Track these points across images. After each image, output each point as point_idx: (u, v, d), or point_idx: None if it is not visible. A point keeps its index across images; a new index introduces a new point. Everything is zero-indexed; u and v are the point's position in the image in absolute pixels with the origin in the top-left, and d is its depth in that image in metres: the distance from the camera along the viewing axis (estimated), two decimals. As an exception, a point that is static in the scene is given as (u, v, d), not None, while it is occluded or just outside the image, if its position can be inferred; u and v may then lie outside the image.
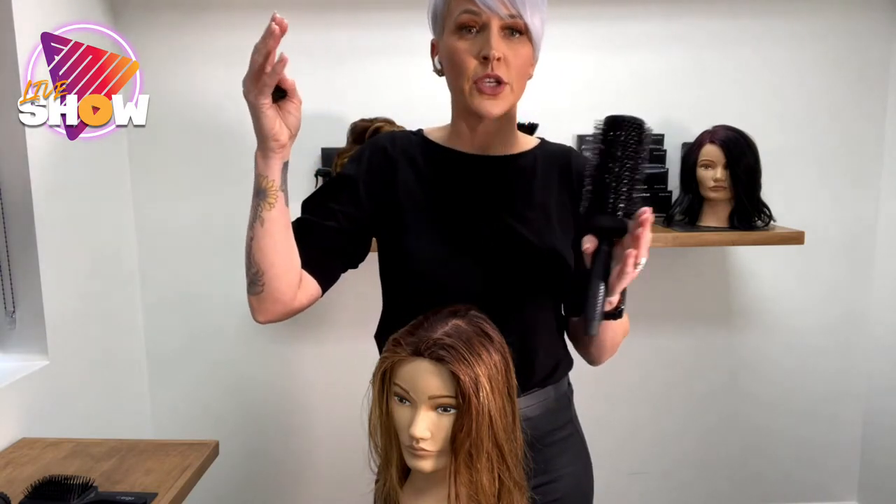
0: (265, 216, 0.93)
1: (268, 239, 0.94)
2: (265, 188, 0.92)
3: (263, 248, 0.94)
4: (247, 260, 0.96)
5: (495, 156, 1.06)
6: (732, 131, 1.83)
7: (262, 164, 0.92)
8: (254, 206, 0.93)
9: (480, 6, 0.93)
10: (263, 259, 0.94)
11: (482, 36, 0.95)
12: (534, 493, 0.98)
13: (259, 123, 0.89)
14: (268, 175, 0.92)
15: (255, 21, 1.94)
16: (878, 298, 2.15)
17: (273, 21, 0.82)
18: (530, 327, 1.05)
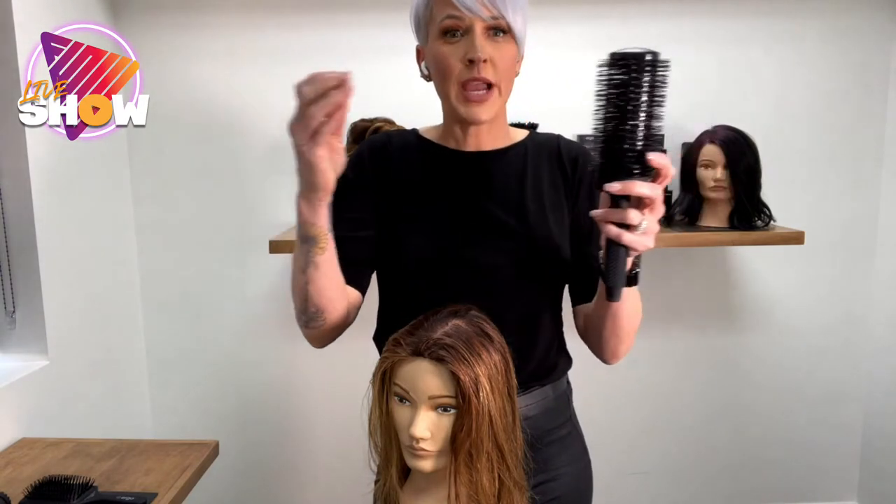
0: (318, 261, 0.91)
1: (324, 280, 0.93)
2: (315, 235, 0.89)
3: (321, 289, 0.93)
4: (301, 303, 0.95)
5: (487, 151, 1.06)
6: (732, 131, 1.83)
7: (308, 213, 0.87)
8: (303, 252, 0.90)
9: (462, 10, 0.93)
10: (321, 298, 0.94)
11: (467, 39, 0.95)
12: (533, 491, 0.98)
13: (312, 175, 0.83)
14: (316, 223, 0.88)
15: (255, 21, 1.96)
16: (878, 298, 2.15)
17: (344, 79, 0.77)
18: (529, 325, 1.05)
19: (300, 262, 0.91)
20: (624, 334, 1.00)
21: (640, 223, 0.80)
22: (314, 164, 0.82)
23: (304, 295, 0.94)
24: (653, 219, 0.82)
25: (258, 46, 1.94)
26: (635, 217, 0.80)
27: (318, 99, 0.78)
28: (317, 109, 0.78)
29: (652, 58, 0.75)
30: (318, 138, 0.80)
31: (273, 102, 1.97)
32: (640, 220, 0.80)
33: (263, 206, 2.01)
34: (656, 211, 0.82)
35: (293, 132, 0.81)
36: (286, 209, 2.01)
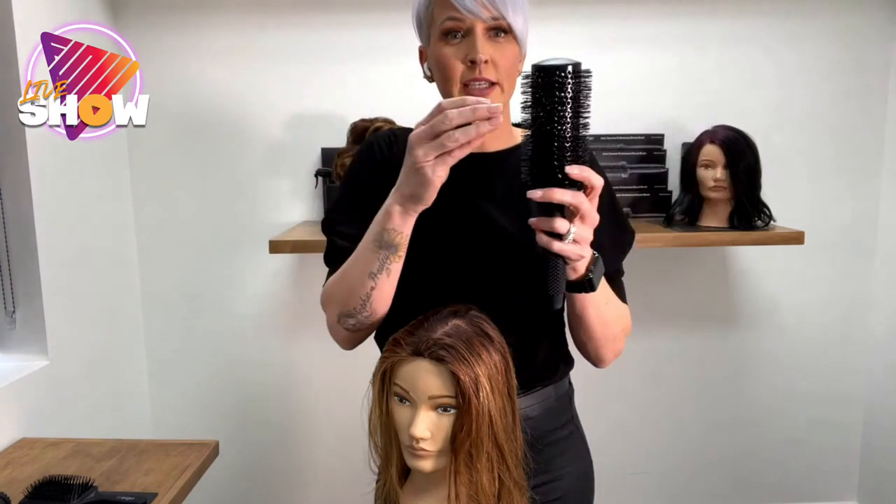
0: (393, 268, 0.91)
1: (389, 288, 0.94)
2: (397, 243, 0.90)
3: (385, 295, 0.94)
4: (357, 306, 0.95)
5: (490, 152, 1.06)
6: (732, 131, 1.83)
7: (399, 222, 0.88)
8: (379, 257, 0.90)
9: (463, 12, 0.93)
10: (380, 304, 0.95)
11: (468, 40, 0.95)
12: (534, 492, 0.98)
13: (424, 191, 0.84)
14: (403, 231, 0.89)
15: (255, 21, 1.96)
16: (878, 298, 2.15)
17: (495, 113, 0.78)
18: (530, 326, 1.05)
19: (371, 266, 0.92)
20: (601, 340, 1.01)
21: (567, 231, 0.81)
22: (431, 182, 0.83)
23: (364, 298, 0.94)
24: (584, 228, 0.83)
25: (258, 46, 1.94)
26: (562, 226, 0.81)
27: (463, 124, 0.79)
28: (461, 135, 0.79)
29: (573, 68, 0.77)
30: (448, 160, 0.82)
31: (273, 102, 1.97)
32: (567, 228, 0.81)
33: (263, 206, 2.01)
34: (588, 220, 0.83)
35: (419, 147, 0.82)
36: (286, 209, 2.01)
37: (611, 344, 1.03)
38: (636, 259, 1.14)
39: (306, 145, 1.98)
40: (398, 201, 0.88)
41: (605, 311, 0.99)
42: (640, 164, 1.99)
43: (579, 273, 0.88)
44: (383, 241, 0.90)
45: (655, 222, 1.95)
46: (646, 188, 1.99)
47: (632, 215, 1.98)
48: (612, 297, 1.01)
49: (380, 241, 0.90)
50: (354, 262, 0.94)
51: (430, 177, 0.83)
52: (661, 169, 2.00)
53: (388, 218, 0.89)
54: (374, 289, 0.93)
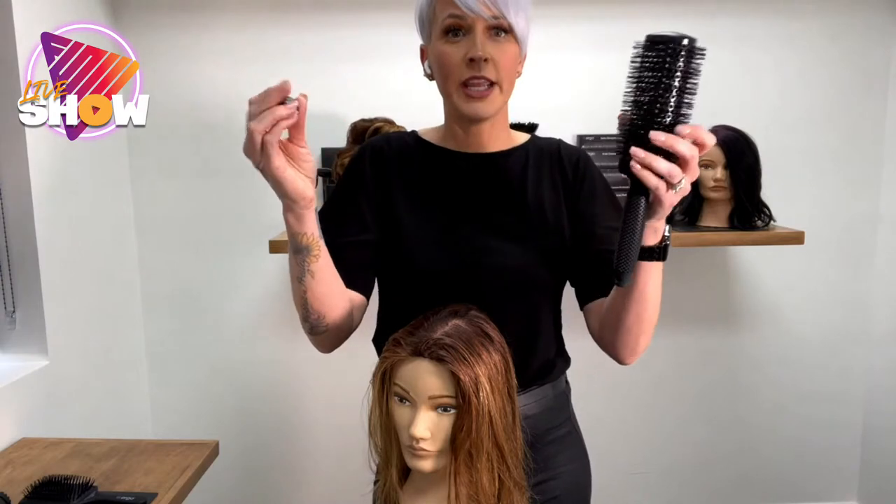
0: (314, 268, 0.91)
1: (322, 287, 0.94)
2: (307, 245, 0.90)
3: (320, 296, 0.94)
4: (303, 310, 0.95)
5: (488, 153, 1.06)
6: (732, 131, 1.83)
7: (295, 224, 0.89)
8: (298, 262, 0.91)
9: (464, 10, 0.94)
10: (322, 305, 0.95)
11: (468, 39, 0.95)
12: (532, 491, 0.98)
13: (281, 188, 0.84)
14: (306, 232, 0.89)
15: (255, 21, 1.96)
16: (878, 299, 2.15)
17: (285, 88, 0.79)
18: (528, 325, 1.05)
19: (296, 272, 0.92)
20: (647, 323, 0.99)
21: (678, 181, 0.78)
22: (277, 177, 0.83)
23: (303, 303, 0.94)
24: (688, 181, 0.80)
25: (258, 46, 1.94)
26: (675, 172, 0.77)
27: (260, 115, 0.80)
28: (256, 124, 0.80)
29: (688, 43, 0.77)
30: (268, 151, 0.81)
31: (273, 102, 1.97)
32: (680, 177, 0.78)
33: (263, 206, 2.01)
34: (691, 174, 0.80)
35: (244, 152, 0.84)
36: (286, 209, 2.01)
37: (650, 332, 1.01)
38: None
39: (306, 145, 1.98)
40: (284, 207, 0.89)
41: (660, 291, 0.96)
42: (640, 164, 1.99)
43: (658, 237, 0.86)
44: (294, 246, 0.91)
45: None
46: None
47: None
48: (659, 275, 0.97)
49: (294, 247, 0.91)
50: (290, 272, 0.95)
51: (270, 174, 0.83)
52: (661, 169, 2.00)
53: (287, 226, 0.90)
54: (307, 291, 0.93)
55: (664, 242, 0.87)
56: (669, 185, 0.78)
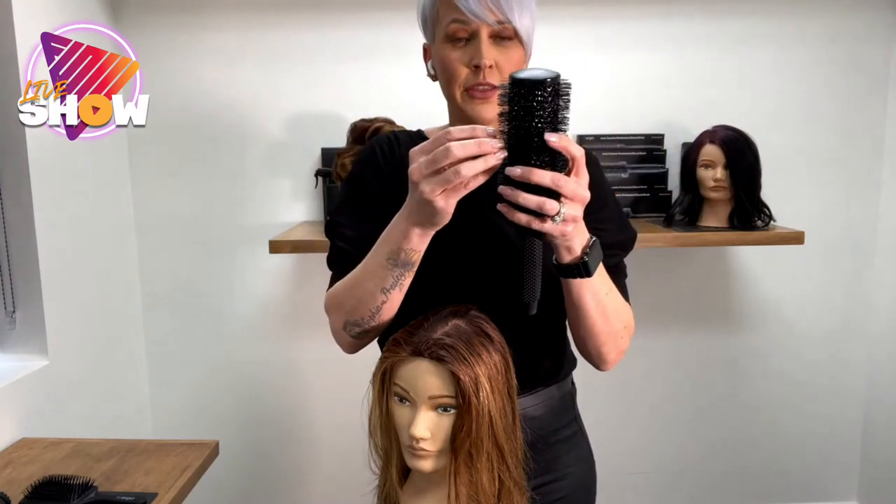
0: (405, 283, 0.91)
1: (399, 300, 0.93)
2: (413, 261, 0.89)
3: (394, 307, 0.94)
4: (366, 317, 0.94)
5: None
6: (732, 131, 1.83)
7: (416, 241, 0.87)
8: (394, 274, 0.89)
9: (468, 15, 0.93)
10: (389, 315, 0.94)
11: (473, 44, 0.95)
12: (538, 492, 0.98)
13: (437, 218, 0.83)
14: (420, 250, 0.88)
15: (255, 21, 1.96)
16: (878, 299, 2.15)
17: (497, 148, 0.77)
18: (534, 326, 1.05)
19: (385, 282, 0.91)
20: (601, 335, 0.97)
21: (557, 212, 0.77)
22: (444, 213, 0.82)
23: (374, 311, 0.93)
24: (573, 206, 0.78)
25: (258, 46, 1.94)
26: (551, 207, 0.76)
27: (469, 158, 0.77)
28: (467, 171, 0.77)
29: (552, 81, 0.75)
30: (460, 192, 0.79)
31: (273, 102, 1.97)
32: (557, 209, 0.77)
33: (263, 206, 2.01)
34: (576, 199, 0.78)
35: (423, 182, 0.80)
36: (286, 209, 2.01)
37: (612, 341, 0.99)
38: (636, 259, 1.14)
39: (306, 145, 1.98)
40: (413, 223, 0.85)
41: (606, 302, 0.94)
42: (640, 164, 1.99)
43: (574, 254, 0.85)
44: (399, 259, 0.89)
45: (655, 222, 1.95)
46: (646, 188, 1.99)
47: (632, 215, 1.98)
48: (613, 290, 0.97)
49: (395, 259, 0.89)
50: (366, 275, 0.93)
51: (441, 208, 0.81)
52: (661, 169, 2.00)
53: (404, 238, 0.87)
54: (386, 303, 0.92)
55: (584, 258, 0.85)
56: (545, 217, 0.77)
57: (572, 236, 0.83)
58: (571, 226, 0.80)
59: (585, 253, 0.86)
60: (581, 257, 0.86)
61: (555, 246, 0.85)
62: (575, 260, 0.86)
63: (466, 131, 0.78)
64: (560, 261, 0.86)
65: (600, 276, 0.92)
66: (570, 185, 0.77)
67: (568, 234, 0.81)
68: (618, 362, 1.02)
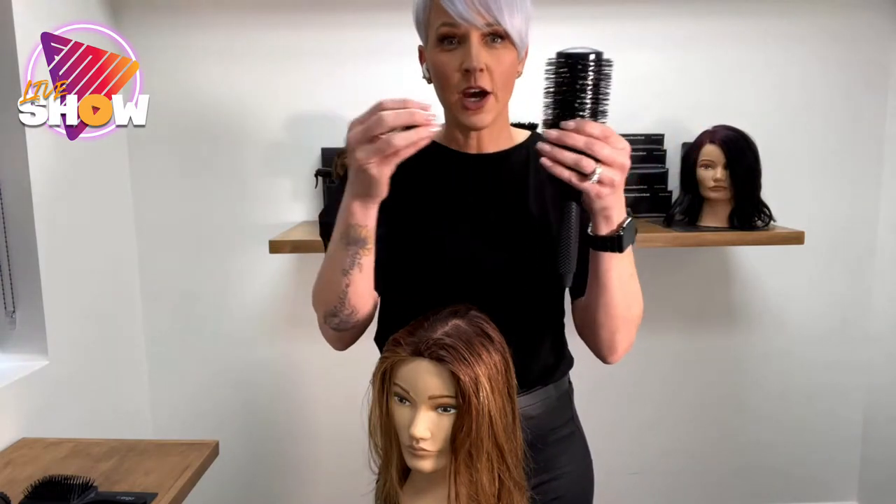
0: (364, 262, 0.91)
1: (365, 281, 0.93)
2: (364, 237, 0.89)
3: (361, 290, 0.94)
4: (337, 304, 0.94)
5: (490, 153, 1.06)
6: (732, 131, 1.83)
7: (361, 215, 0.88)
8: (349, 253, 0.90)
9: (457, 19, 0.92)
10: (359, 300, 0.94)
11: (463, 48, 0.94)
12: (535, 491, 0.98)
13: (374, 188, 0.85)
14: (367, 224, 0.89)
15: (255, 21, 1.96)
16: (878, 299, 2.15)
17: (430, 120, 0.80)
18: (531, 325, 1.05)
19: (343, 263, 0.91)
20: (620, 319, 0.95)
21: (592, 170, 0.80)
22: (378, 181, 0.83)
23: (341, 296, 0.93)
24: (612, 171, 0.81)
25: (258, 46, 1.94)
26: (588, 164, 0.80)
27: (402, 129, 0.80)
28: (400, 141, 0.80)
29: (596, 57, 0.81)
30: (392, 161, 0.81)
31: (273, 102, 1.97)
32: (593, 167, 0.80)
33: (263, 206, 2.01)
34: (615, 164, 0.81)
35: (358, 149, 0.82)
36: (286, 209, 2.01)
37: (626, 327, 0.97)
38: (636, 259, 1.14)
39: (306, 145, 1.98)
40: (354, 197, 0.87)
41: (629, 284, 0.94)
42: (640, 164, 1.99)
43: (612, 226, 0.86)
44: (350, 237, 0.90)
45: (655, 222, 1.95)
46: (646, 188, 1.99)
47: (632, 215, 1.97)
48: (635, 275, 0.96)
49: (346, 237, 0.90)
50: (328, 260, 0.94)
51: (376, 177, 0.83)
52: (661, 169, 2.00)
53: (350, 214, 0.88)
54: (349, 285, 0.92)
55: (619, 233, 0.87)
56: (583, 175, 0.80)
57: (611, 203, 0.84)
58: (608, 189, 0.82)
59: (621, 227, 0.87)
60: (617, 230, 0.87)
61: (593, 213, 0.86)
62: (612, 232, 0.87)
63: (399, 102, 0.81)
64: (596, 231, 0.87)
65: (629, 256, 0.92)
66: (604, 150, 0.80)
67: (604, 196, 0.82)
68: (624, 355, 1.01)
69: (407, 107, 0.81)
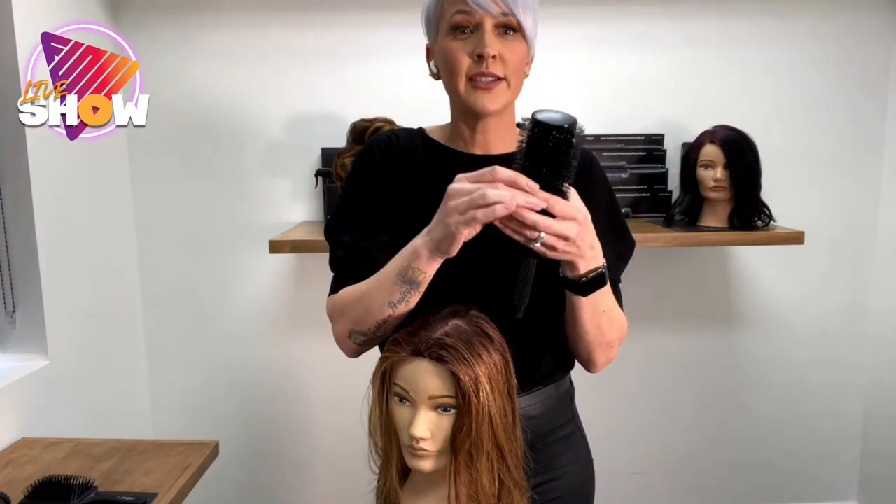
0: (412, 300, 0.93)
1: (405, 314, 0.95)
2: (421, 281, 0.91)
3: (399, 321, 0.95)
4: (372, 329, 0.96)
5: (496, 155, 1.06)
6: (732, 131, 1.83)
7: (426, 265, 0.89)
8: (402, 290, 0.92)
9: (473, 6, 0.93)
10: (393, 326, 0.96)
11: (476, 35, 0.95)
12: (536, 491, 0.98)
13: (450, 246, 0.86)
14: (428, 272, 0.90)
15: (255, 21, 1.96)
16: (878, 298, 2.15)
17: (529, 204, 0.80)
18: (533, 326, 1.05)
19: (392, 297, 0.92)
20: (593, 343, 1.00)
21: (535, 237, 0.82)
22: (457, 239, 0.84)
23: (380, 323, 0.95)
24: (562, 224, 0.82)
25: (258, 46, 1.94)
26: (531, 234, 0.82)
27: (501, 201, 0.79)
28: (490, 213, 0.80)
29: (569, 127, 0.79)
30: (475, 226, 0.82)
31: (273, 102, 1.97)
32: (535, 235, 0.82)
33: (263, 207, 2.01)
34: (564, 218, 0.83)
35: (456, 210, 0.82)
36: (286, 209, 2.01)
37: (603, 349, 1.02)
38: (636, 259, 1.14)
39: (306, 145, 1.98)
40: (427, 247, 0.88)
41: (601, 318, 0.98)
42: (640, 164, 1.99)
43: (576, 273, 0.89)
44: (407, 277, 0.91)
45: (655, 222, 1.95)
46: (646, 188, 1.99)
47: (632, 215, 1.98)
48: (615, 309, 1.00)
49: (404, 276, 0.91)
50: (376, 288, 0.95)
51: (456, 235, 0.84)
52: (661, 169, 2.00)
53: (416, 258, 0.89)
54: (392, 316, 0.94)
55: (584, 279, 0.89)
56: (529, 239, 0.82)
57: (570, 258, 0.86)
58: (556, 251, 0.83)
59: (585, 276, 0.89)
60: (580, 278, 0.89)
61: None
62: (575, 278, 0.90)
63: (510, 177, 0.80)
64: (563, 273, 0.91)
65: (602, 295, 0.94)
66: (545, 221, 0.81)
67: (557, 254, 0.84)
68: (605, 367, 1.06)
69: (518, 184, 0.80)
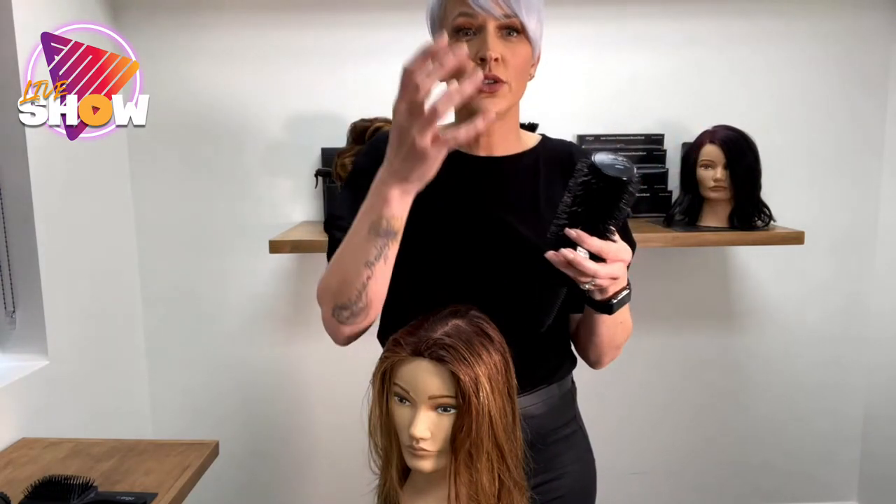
0: (390, 254, 0.88)
1: (385, 276, 0.91)
2: (396, 229, 0.86)
3: (380, 284, 0.91)
4: (353, 297, 0.91)
5: (499, 156, 1.05)
6: (732, 131, 1.83)
7: (398, 206, 0.85)
8: (377, 245, 0.87)
9: (475, 8, 0.93)
10: (375, 294, 0.92)
11: (479, 38, 0.94)
12: (537, 490, 0.98)
13: (422, 165, 0.80)
14: (402, 215, 0.86)
15: (255, 21, 1.96)
16: (878, 299, 2.15)
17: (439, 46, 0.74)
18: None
19: (368, 254, 0.88)
20: (605, 349, 1.05)
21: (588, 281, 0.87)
22: (426, 152, 0.78)
23: (360, 288, 0.90)
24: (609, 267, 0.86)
25: (258, 46, 1.94)
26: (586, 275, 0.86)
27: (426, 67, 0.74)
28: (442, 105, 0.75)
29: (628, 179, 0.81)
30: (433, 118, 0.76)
31: (273, 102, 1.97)
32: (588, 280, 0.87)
33: (263, 206, 2.01)
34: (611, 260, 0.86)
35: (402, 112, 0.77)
36: (286, 209, 2.01)
37: (612, 352, 1.07)
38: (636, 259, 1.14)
39: (306, 145, 1.98)
40: (395, 183, 0.83)
41: (618, 328, 1.02)
42: (640, 164, 1.99)
43: (604, 296, 0.91)
44: (380, 228, 0.86)
45: (655, 222, 1.95)
46: (646, 188, 1.99)
47: (632, 215, 1.98)
48: (627, 318, 1.04)
49: (376, 228, 0.87)
50: (349, 251, 0.91)
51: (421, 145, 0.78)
52: (661, 169, 2.00)
53: (384, 204, 0.85)
54: (371, 278, 0.89)
55: (610, 301, 0.92)
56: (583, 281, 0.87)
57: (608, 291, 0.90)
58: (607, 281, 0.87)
59: (614, 296, 0.91)
60: (609, 299, 0.92)
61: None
62: (603, 300, 0.92)
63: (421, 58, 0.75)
64: (590, 295, 0.92)
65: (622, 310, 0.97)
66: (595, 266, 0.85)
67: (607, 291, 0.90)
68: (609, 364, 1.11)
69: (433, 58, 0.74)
